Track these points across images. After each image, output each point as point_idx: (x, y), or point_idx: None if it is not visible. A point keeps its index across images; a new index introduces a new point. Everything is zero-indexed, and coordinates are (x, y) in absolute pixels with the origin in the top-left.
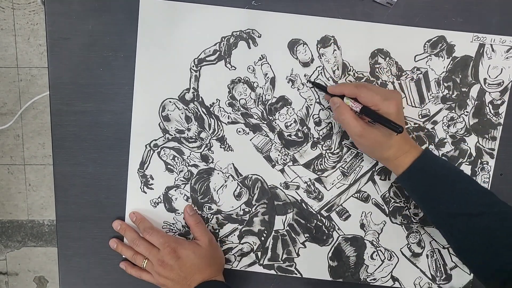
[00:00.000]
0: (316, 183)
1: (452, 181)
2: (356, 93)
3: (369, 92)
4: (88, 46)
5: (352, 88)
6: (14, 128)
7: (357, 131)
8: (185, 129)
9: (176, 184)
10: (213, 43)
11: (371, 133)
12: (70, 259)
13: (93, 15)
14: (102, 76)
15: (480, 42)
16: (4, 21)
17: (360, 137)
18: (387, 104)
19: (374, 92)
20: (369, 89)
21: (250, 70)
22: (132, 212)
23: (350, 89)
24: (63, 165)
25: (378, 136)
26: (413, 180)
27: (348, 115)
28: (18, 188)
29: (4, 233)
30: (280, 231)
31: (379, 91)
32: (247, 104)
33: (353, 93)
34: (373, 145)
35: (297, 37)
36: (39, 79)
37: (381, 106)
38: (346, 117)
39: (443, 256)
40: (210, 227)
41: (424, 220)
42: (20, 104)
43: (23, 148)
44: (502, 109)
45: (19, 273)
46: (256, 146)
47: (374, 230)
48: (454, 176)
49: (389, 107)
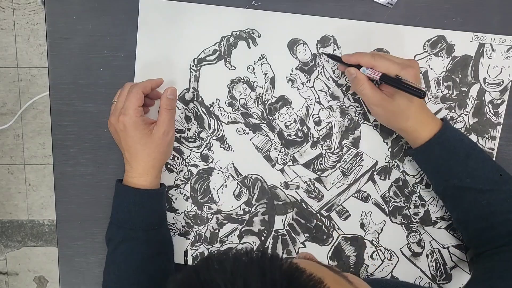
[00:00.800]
0: (316, 183)
1: (468, 156)
2: (373, 63)
3: (387, 61)
4: (88, 46)
5: (369, 57)
6: (14, 128)
7: (375, 101)
8: (185, 129)
9: (176, 184)
10: (213, 42)
11: (389, 102)
12: (70, 259)
13: (93, 15)
14: (102, 76)
15: (480, 42)
16: (4, 21)
17: (378, 107)
18: (405, 73)
19: (391, 62)
20: (386, 59)
21: (250, 69)
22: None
23: (367, 58)
24: (63, 165)
25: (396, 106)
26: (429, 153)
27: (366, 85)
28: (18, 188)
29: (4, 233)
30: (280, 231)
31: (397, 59)
32: (247, 104)
33: (369, 63)
34: (391, 115)
35: (297, 37)
36: (39, 79)
37: (399, 73)
38: (364, 87)
39: (443, 256)
40: (210, 227)
41: (424, 220)
42: (20, 104)
43: (23, 148)
44: (501, 108)
45: (19, 273)
46: (256, 145)
47: (374, 230)
48: (470, 151)
49: (408, 76)
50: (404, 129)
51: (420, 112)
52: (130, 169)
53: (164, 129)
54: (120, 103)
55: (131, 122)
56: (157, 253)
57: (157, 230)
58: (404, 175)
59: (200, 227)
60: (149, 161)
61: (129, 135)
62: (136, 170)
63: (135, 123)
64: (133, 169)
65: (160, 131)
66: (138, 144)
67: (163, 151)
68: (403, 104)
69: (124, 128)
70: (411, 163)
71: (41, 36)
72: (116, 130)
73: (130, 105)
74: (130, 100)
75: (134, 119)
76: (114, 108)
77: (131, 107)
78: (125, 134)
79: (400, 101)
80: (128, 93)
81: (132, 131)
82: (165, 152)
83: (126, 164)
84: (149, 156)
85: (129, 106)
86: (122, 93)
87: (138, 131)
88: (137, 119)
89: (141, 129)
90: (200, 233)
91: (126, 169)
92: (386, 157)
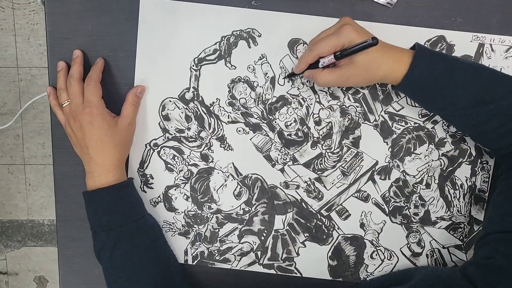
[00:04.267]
0: (316, 183)
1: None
2: (315, 54)
3: (322, 43)
4: (88, 46)
5: (309, 53)
6: (14, 128)
7: (342, 78)
8: (185, 128)
9: (176, 184)
10: (213, 42)
11: (353, 69)
12: (70, 259)
13: (93, 15)
14: (102, 76)
15: (480, 42)
16: (4, 21)
17: (349, 79)
18: (344, 36)
19: (326, 39)
20: (320, 41)
21: (250, 69)
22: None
23: (308, 56)
24: (63, 165)
25: (360, 66)
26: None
27: (323, 75)
28: (18, 188)
29: (4, 233)
30: (280, 230)
31: (328, 31)
32: (247, 104)
33: (313, 56)
34: (365, 75)
35: (297, 37)
36: (39, 79)
37: (342, 42)
38: (323, 78)
39: (443, 256)
40: (210, 226)
41: (424, 220)
42: (20, 104)
43: (23, 148)
44: None
45: (19, 273)
46: (256, 145)
47: (374, 230)
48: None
49: (348, 36)
50: (383, 76)
51: (385, 53)
52: (96, 168)
53: (129, 121)
54: (79, 99)
55: (99, 113)
56: (155, 239)
57: (144, 217)
58: (404, 175)
59: (200, 226)
60: (116, 153)
61: (96, 127)
62: (102, 166)
63: (102, 113)
64: (99, 166)
65: (126, 122)
66: (105, 135)
67: (127, 143)
68: (365, 58)
69: (91, 120)
70: (411, 163)
71: (41, 36)
72: (81, 125)
73: (94, 97)
74: (93, 92)
75: (101, 110)
76: (71, 106)
77: (95, 99)
78: (91, 126)
79: (361, 58)
80: (87, 86)
81: (99, 121)
82: (129, 145)
83: (89, 164)
84: (115, 148)
85: (94, 98)
86: (73, 90)
87: (106, 121)
88: (104, 110)
89: (108, 120)
90: (200, 233)
91: (89, 171)
92: (386, 157)
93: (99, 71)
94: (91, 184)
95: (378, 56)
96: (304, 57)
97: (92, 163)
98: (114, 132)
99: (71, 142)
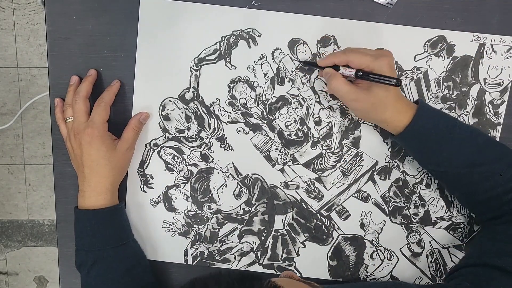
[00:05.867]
0: (316, 183)
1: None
2: (345, 59)
3: (358, 54)
4: (88, 46)
5: (341, 54)
6: (14, 128)
7: (351, 96)
8: (185, 128)
9: (176, 184)
10: (213, 42)
11: (366, 95)
12: (70, 259)
13: (93, 15)
14: (102, 76)
15: (480, 42)
16: (4, 21)
17: (355, 101)
18: (378, 63)
19: (363, 54)
20: (358, 52)
21: (250, 69)
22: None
23: (339, 56)
24: (63, 165)
25: (373, 97)
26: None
27: (340, 81)
28: (18, 188)
29: (4, 233)
30: (280, 230)
31: (369, 51)
32: (247, 104)
33: (342, 60)
34: (370, 107)
35: (297, 37)
36: (39, 79)
37: (373, 66)
38: (337, 84)
39: (443, 256)
40: (210, 226)
41: (424, 220)
42: (20, 104)
43: (23, 148)
44: (501, 109)
45: (19, 273)
46: (256, 145)
47: (374, 230)
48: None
49: (382, 66)
50: (384, 120)
51: (397, 100)
52: (88, 188)
53: (128, 145)
54: (82, 117)
55: (99, 136)
56: (132, 267)
57: (126, 244)
58: (404, 175)
59: (200, 226)
60: (110, 176)
61: (94, 148)
62: (94, 188)
63: (102, 136)
64: (91, 187)
65: (125, 147)
66: (102, 158)
67: (123, 168)
68: (381, 94)
69: (91, 141)
70: (411, 163)
71: (41, 36)
72: (80, 144)
73: (99, 119)
74: (100, 114)
75: (102, 133)
76: (74, 123)
77: (99, 121)
78: (89, 147)
79: (377, 92)
80: (97, 107)
81: (98, 143)
82: (124, 169)
83: (83, 183)
84: (110, 171)
85: (98, 120)
86: (77, 108)
87: (105, 145)
88: (105, 133)
89: (107, 143)
90: (200, 233)
91: (81, 190)
92: (386, 157)
93: (113, 94)
94: (81, 203)
95: (391, 99)
96: (334, 56)
97: (85, 182)
98: (112, 156)
99: (70, 157)
